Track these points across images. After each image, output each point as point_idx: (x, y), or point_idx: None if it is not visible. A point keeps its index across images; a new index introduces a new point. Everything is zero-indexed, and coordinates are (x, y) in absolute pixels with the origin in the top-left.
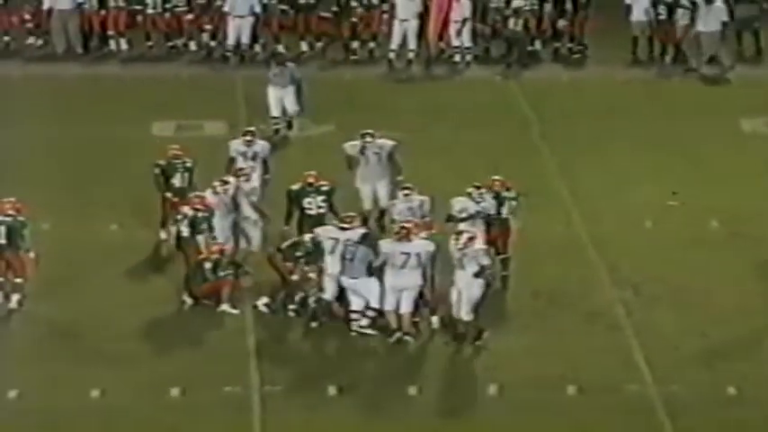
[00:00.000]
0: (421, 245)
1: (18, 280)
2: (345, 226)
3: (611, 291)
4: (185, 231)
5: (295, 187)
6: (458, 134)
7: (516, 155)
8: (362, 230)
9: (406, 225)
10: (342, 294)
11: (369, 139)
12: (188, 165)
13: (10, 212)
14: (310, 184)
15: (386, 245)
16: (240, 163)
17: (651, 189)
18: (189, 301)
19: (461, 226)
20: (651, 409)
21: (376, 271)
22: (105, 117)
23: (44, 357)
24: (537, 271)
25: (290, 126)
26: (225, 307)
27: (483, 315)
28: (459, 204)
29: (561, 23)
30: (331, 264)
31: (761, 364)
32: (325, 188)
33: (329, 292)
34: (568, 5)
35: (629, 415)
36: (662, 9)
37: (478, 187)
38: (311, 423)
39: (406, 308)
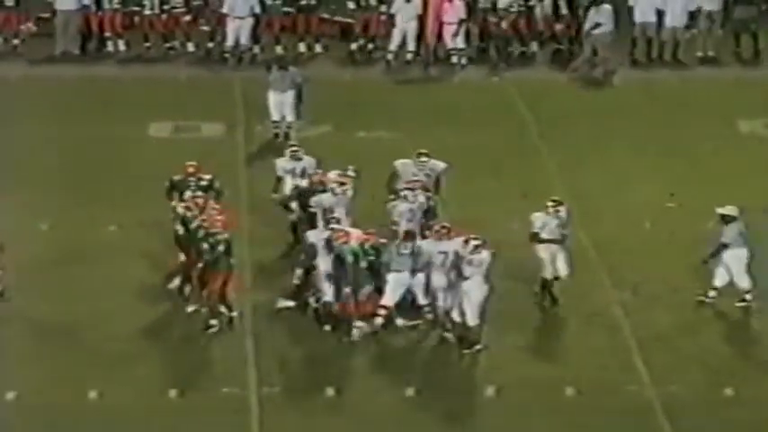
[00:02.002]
0: (455, 244)
1: None
2: (335, 227)
3: (610, 291)
4: (180, 230)
5: (302, 185)
6: (456, 135)
7: (515, 156)
8: (355, 230)
9: (445, 225)
10: (339, 294)
11: (424, 159)
12: (202, 183)
13: None
14: (320, 183)
15: (426, 244)
16: (288, 181)
17: (650, 190)
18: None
19: (541, 245)
20: (650, 410)
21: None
22: (103, 118)
23: (42, 358)
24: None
25: (287, 136)
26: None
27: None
28: (540, 221)
29: (558, 27)
30: (325, 265)
31: (759, 365)
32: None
33: (329, 294)
34: (564, 9)
35: (627, 416)
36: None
37: (557, 202)
38: (309, 424)
39: (470, 319)
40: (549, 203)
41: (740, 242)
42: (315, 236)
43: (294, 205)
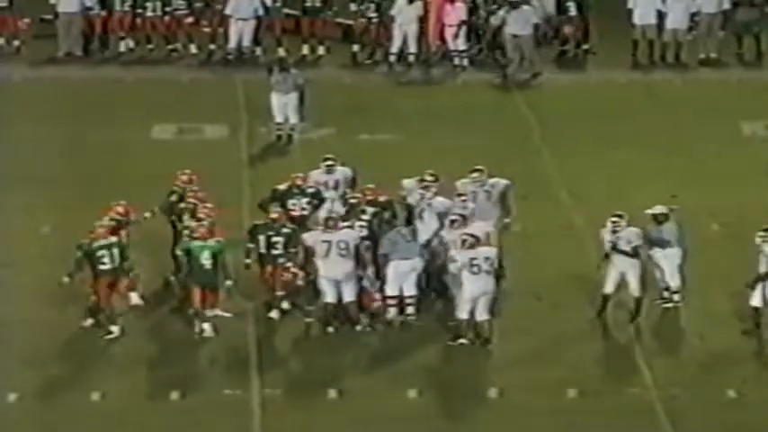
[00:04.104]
0: (488, 250)
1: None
2: (338, 228)
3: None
4: None
5: (282, 187)
6: (458, 137)
7: (517, 157)
8: (352, 230)
9: (474, 234)
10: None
11: (474, 174)
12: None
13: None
14: (297, 186)
15: (458, 254)
16: (322, 193)
17: (652, 192)
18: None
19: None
20: (652, 413)
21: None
22: (106, 120)
23: (44, 360)
24: (538, 274)
25: (290, 138)
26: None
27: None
28: (607, 236)
29: (567, 29)
30: (324, 267)
31: (761, 366)
32: (310, 190)
33: (330, 295)
34: (573, 11)
35: (629, 418)
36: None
37: (619, 216)
38: (311, 426)
39: (480, 315)
40: (609, 219)
41: (673, 241)
42: (312, 238)
43: (273, 208)
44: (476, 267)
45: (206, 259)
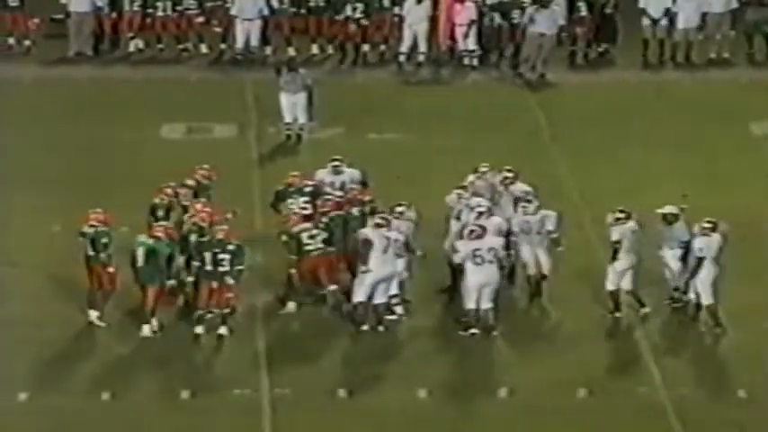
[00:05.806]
0: (493, 241)
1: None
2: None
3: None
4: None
5: (279, 188)
6: (468, 137)
7: (527, 157)
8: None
9: (481, 224)
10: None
11: (503, 175)
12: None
13: (93, 223)
14: (293, 185)
15: (461, 245)
16: (321, 191)
17: (662, 192)
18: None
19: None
20: (661, 412)
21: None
22: (115, 119)
23: (54, 359)
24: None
25: (299, 138)
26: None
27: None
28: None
29: (578, 29)
30: (378, 263)
31: None
32: (307, 189)
33: (362, 294)
34: (583, 11)
35: (639, 418)
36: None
37: (624, 213)
38: (321, 426)
39: (483, 304)
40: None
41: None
42: (374, 234)
43: (282, 206)
44: (479, 258)
45: (139, 256)
